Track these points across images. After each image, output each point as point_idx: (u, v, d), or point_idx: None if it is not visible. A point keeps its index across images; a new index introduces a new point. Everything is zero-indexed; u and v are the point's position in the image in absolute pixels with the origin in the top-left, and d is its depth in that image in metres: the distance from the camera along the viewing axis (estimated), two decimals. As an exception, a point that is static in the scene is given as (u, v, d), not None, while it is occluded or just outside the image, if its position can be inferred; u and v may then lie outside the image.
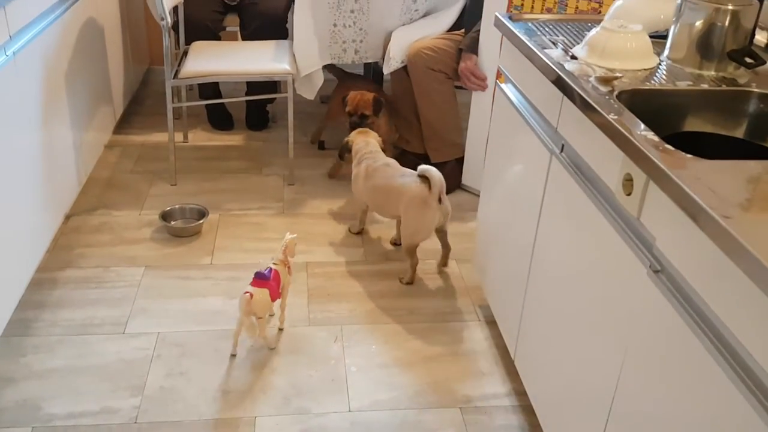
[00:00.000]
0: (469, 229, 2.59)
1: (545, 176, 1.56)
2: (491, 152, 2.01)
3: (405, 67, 2.75)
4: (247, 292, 1.82)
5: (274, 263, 1.94)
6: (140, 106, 3.49)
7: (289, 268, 1.99)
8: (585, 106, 1.33)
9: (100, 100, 2.84)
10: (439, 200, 2.14)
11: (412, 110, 2.82)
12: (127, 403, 1.75)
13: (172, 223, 2.50)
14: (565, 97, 1.45)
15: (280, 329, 2.04)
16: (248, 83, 3.23)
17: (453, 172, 2.82)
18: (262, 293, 1.84)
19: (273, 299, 1.89)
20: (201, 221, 2.49)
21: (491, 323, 2.08)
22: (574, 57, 1.55)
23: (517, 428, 1.75)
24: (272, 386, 1.83)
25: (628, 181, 1.20)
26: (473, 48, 2.59)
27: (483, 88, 2.62)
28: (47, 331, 1.97)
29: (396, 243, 2.47)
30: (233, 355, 1.93)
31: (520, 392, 1.83)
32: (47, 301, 2.09)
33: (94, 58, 2.73)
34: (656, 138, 1.17)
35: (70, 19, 2.39)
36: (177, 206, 2.56)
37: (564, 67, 1.48)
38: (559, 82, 1.46)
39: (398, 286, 2.26)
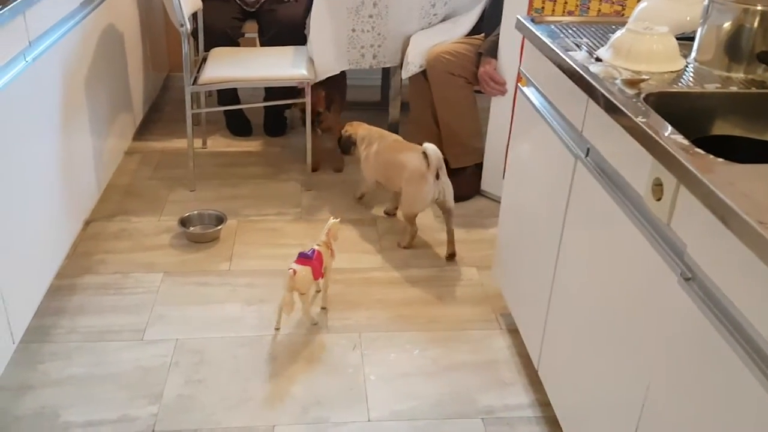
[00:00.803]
0: (489, 235, 2.55)
1: (570, 181, 1.53)
2: (512, 157, 1.97)
3: (423, 72, 2.72)
4: (290, 269, 1.92)
5: (317, 245, 2.04)
6: (160, 112, 3.50)
7: (332, 251, 2.09)
8: (612, 109, 1.29)
9: (120, 106, 2.85)
10: (437, 176, 2.30)
11: (430, 115, 2.79)
12: (145, 411, 1.73)
13: (191, 229, 2.50)
14: (591, 100, 1.41)
15: (323, 308, 2.12)
16: (266, 89, 3.22)
17: (472, 177, 2.79)
18: (305, 270, 1.94)
19: (315, 278, 1.99)
20: (219, 227, 2.48)
21: (513, 332, 2.04)
22: (598, 59, 1.52)
23: (540, 440, 1.71)
24: (290, 395, 1.80)
25: (657, 186, 1.16)
26: (493, 52, 2.56)
27: (502, 92, 2.59)
28: (65, 338, 1.96)
29: (388, 213, 2.66)
30: (277, 329, 2.03)
31: (543, 403, 1.79)
32: (66, 308, 2.09)
33: (113, 65, 2.74)
34: (686, 141, 1.13)
35: (89, 26, 2.40)
36: (195, 212, 2.55)
37: (589, 70, 1.44)
38: (584, 85, 1.42)
39: (418, 294, 2.23)
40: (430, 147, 2.28)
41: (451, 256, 2.41)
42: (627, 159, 1.28)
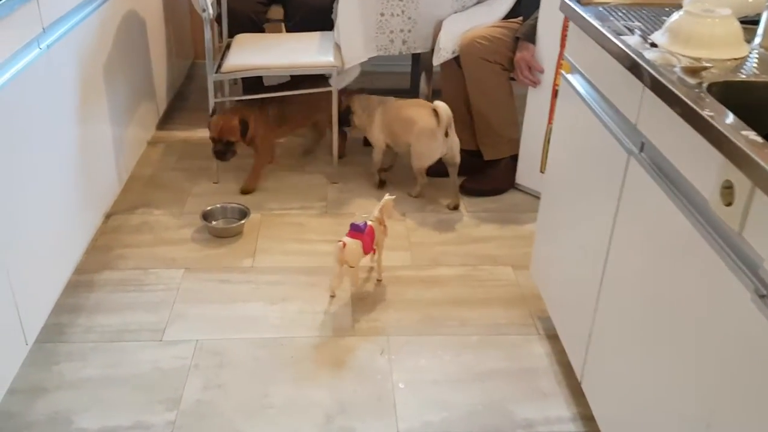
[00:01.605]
0: (525, 232, 2.42)
1: (621, 179, 1.39)
2: (555, 150, 1.84)
3: (456, 58, 2.58)
4: (341, 241, 1.94)
5: (370, 220, 2.04)
6: (184, 101, 3.42)
7: (384, 227, 2.09)
8: (672, 101, 1.15)
9: (143, 95, 2.77)
10: (446, 134, 2.42)
11: (463, 104, 2.65)
12: (162, 418, 1.65)
13: (213, 223, 2.41)
14: (647, 90, 1.27)
15: (378, 280, 2.14)
16: (292, 77, 3.11)
17: (507, 170, 2.65)
18: (356, 243, 1.95)
19: (366, 252, 2.00)
20: (242, 221, 2.39)
21: (552, 337, 1.91)
22: (653, 45, 1.37)
23: (582, 456, 1.58)
24: (314, 402, 1.71)
25: (727, 189, 1.02)
26: (531, 37, 2.41)
27: (537, 82, 2.44)
28: (82, 338, 1.89)
29: (384, 169, 2.73)
30: (332, 296, 2.07)
31: (587, 417, 1.66)
32: (83, 305, 2.01)
33: (135, 53, 2.66)
34: (759, 139, 0.99)
35: (108, 12, 2.31)
36: (218, 205, 2.47)
37: (644, 56, 1.30)
38: (639, 73, 1.28)
39: (449, 294, 2.11)
40: (441, 105, 2.39)
41: (455, 207, 2.54)
42: (690, 157, 1.14)
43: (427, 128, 2.42)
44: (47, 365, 1.79)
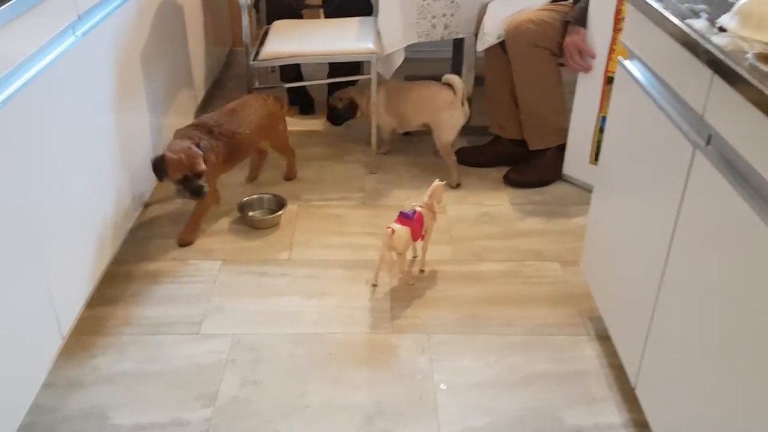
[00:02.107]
0: (573, 226, 2.31)
1: (685, 174, 1.28)
2: (609, 141, 1.73)
3: (501, 44, 2.48)
4: (389, 228, 1.91)
5: (419, 206, 2.01)
6: (222, 89, 3.39)
7: (434, 213, 2.05)
8: (745, 90, 1.05)
9: (181, 83, 2.73)
10: (462, 103, 2.52)
11: (508, 91, 2.55)
12: (198, 415, 1.61)
13: (250, 214, 2.37)
14: (716, 78, 1.17)
15: (421, 271, 2.09)
16: (330, 64, 3.05)
17: (554, 160, 2.54)
18: (404, 230, 1.93)
19: (414, 239, 1.98)
20: (279, 213, 2.34)
21: (603, 338, 1.81)
22: (722, 29, 1.26)
23: (634, 466, 1.49)
24: (352, 402, 1.65)
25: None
26: (582, 20, 2.29)
27: (587, 68, 2.32)
28: (119, 330, 1.87)
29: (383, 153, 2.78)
30: (374, 285, 2.03)
31: (639, 424, 1.57)
32: (121, 297, 1.99)
33: (173, 40, 2.62)
34: None
35: (145, 0, 2.28)
36: (255, 196, 2.43)
37: (712, 42, 1.19)
38: (708, 60, 1.18)
39: (493, 291, 2.02)
40: (453, 77, 2.49)
41: (456, 186, 2.58)
42: (764, 151, 1.04)
43: (447, 100, 2.50)
44: (84, 359, 1.77)
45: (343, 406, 1.64)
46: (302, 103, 3.14)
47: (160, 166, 2.08)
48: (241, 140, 2.29)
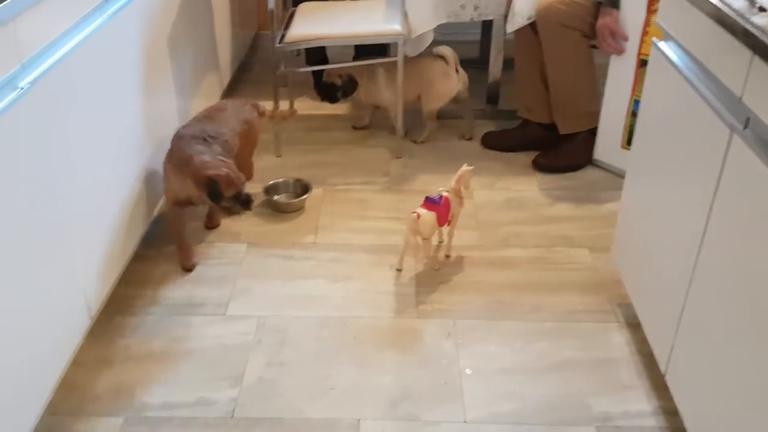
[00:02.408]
0: (604, 212, 2.28)
1: (722, 158, 1.25)
2: (642, 125, 1.69)
3: (532, 25, 2.43)
4: (414, 212, 1.89)
5: (446, 191, 2.00)
6: (248, 72, 3.39)
7: (461, 198, 2.04)
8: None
9: (207, 67, 2.74)
10: (456, 71, 2.61)
11: (538, 74, 2.50)
12: (225, 395, 1.62)
13: (276, 197, 2.37)
14: (756, 59, 1.13)
15: (447, 256, 2.07)
16: (356, 47, 3.02)
17: (585, 145, 2.50)
18: (430, 215, 1.91)
19: (440, 224, 1.96)
20: (305, 196, 2.34)
21: (633, 326, 1.78)
22: (762, 9, 1.21)
23: (663, 455, 1.47)
24: (378, 386, 1.65)
25: None
26: (614, 1, 2.23)
27: (620, 51, 2.27)
28: (148, 310, 1.88)
29: (362, 127, 2.85)
30: (399, 270, 2.02)
31: (670, 411, 1.54)
32: (149, 278, 2.01)
33: (199, 23, 2.62)
34: None
35: (173, -19, 2.28)
36: (281, 180, 2.43)
37: (752, 22, 1.15)
38: (748, 41, 1.14)
39: (520, 277, 2.00)
40: (444, 48, 2.59)
41: (470, 138, 2.72)
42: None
43: (440, 68, 2.60)
44: (113, 338, 1.79)
45: (368, 389, 1.64)
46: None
47: (216, 189, 1.84)
48: (232, 146, 2.07)
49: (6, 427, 1.29)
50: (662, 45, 1.54)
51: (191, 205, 2.00)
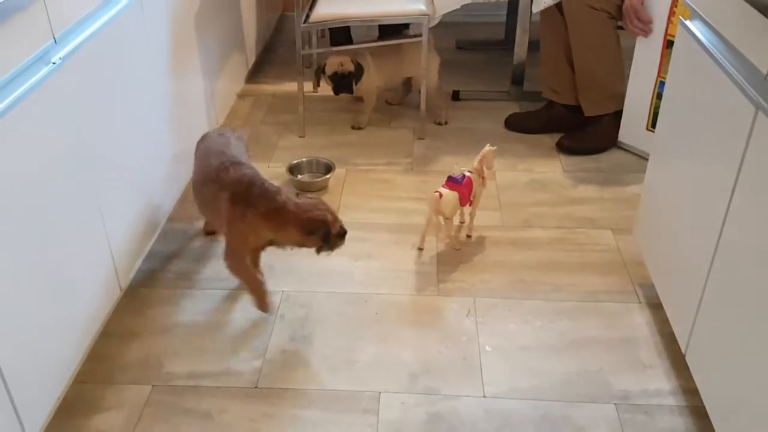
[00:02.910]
0: (628, 194, 2.27)
1: (746, 137, 1.24)
2: (667, 105, 1.68)
3: (558, 5, 2.41)
4: (437, 192, 1.90)
5: (468, 171, 2.00)
6: (273, 54, 3.41)
7: (483, 178, 2.04)
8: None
9: (233, 47, 2.76)
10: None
11: (564, 55, 2.48)
12: (249, 365, 1.66)
13: (299, 177, 2.40)
14: (786, 34, 1.11)
15: (468, 236, 2.09)
16: (380, 27, 3.03)
17: (610, 127, 2.48)
18: (452, 195, 1.92)
19: (462, 204, 1.96)
20: (328, 176, 2.37)
21: (654, 306, 1.78)
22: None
23: (683, 433, 1.48)
24: (398, 360, 1.67)
25: None
26: (641, -18, 2.21)
27: (646, 33, 2.24)
28: (175, 284, 1.93)
29: (391, 103, 2.88)
30: (420, 249, 2.04)
31: (689, 391, 1.55)
32: (177, 252, 2.05)
33: (225, 4, 2.65)
34: None
35: (200, -39, 2.30)
36: (304, 159, 2.45)
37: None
38: (778, 14, 1.12)
39: (542, 257, 2.00)
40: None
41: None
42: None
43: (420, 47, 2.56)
44: (141, 310, 1.83)
45: (389, 364, 1.66)
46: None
47: (327, 232, 1.69)
48: None
49: (37, 394, 1.34)
50: (689, 24, 1.53)
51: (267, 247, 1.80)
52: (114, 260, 1.67)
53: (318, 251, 1.71)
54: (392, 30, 2.80)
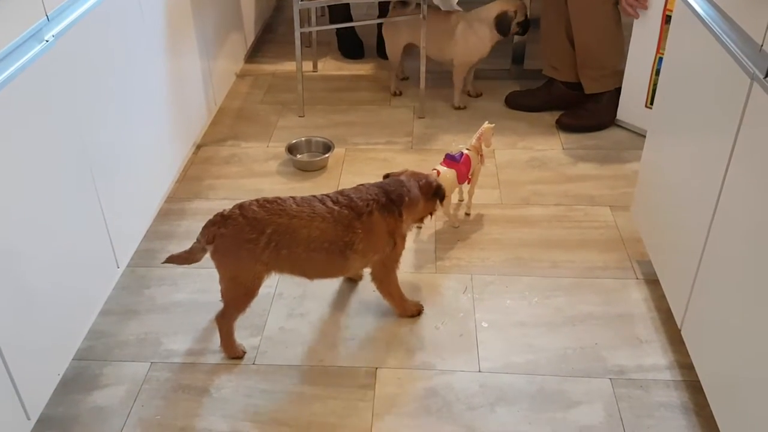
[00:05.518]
0: (626, 171, 2.26)
1: (742, 107, 1.23)
2: (665, 80, 1.66)
3: (558, -18, 2.39)
4: (434, 169, 1.88)
5: (467, 149, 1.98)
6: (272, 33, 3.40)
7: (481, 156, 2.02)
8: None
9: (231, 27, 2.75)
10: None
11: (564, 32, 2.46)
12: (247, 342, 1.67)
13: (298, 156, 2.40)
14: (781, 3, 1.10)
15: (467, 214, 2.08)
16: (380, 6, 3.00)
17: (609, 104, 2.47)
18: (450, 173, 1.90)
19: (460, 182, 1.95)
20: (326, 155, 2.36)
21: (651, 282, 1.78)
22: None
23: (678, 407, 1.48)
24: (395, 336, 1.68)
25: None
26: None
27: (644, 6, 2.22)
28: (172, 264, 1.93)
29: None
30: (419, 227, 2.02)
31: (684, 365, 1.55)
32: (175, 233, 2.06)
33: (223, -18, 2.63)
34: None
35: (196, -61, 2.28)
36: (303, 139, 2.45)
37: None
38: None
39: (539, 234, 2.00)
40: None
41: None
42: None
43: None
44: (139, 289, 1.85)
45: (386, 340, 1.67)
46: (351, 47, 3.12)
47: (440, 188, 1.73)
48: None
49: (37, 372, 1.35)
50: (687, -5, 1.51)
51: None
52: (111, 239, 1.67)
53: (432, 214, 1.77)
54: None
